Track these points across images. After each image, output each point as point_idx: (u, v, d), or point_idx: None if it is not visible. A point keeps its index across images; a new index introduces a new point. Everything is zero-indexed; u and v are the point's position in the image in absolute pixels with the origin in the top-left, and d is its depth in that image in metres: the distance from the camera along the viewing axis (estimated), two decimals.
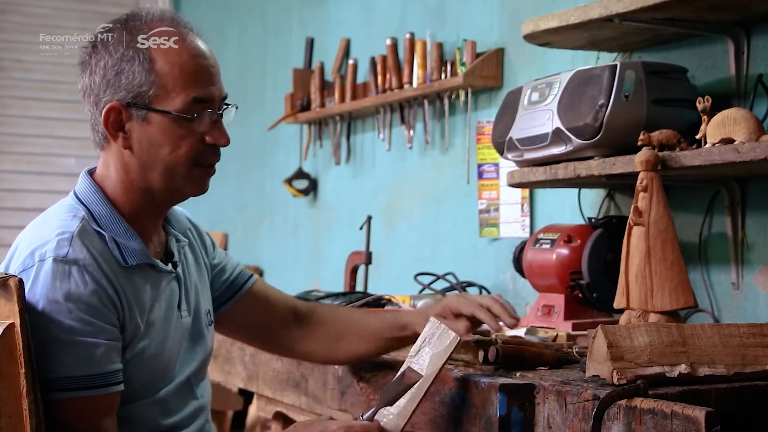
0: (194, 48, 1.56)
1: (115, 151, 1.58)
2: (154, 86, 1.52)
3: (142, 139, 1.54)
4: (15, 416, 1.41)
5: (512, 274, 2.75)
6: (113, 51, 1.53)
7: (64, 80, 5.06)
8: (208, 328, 1.75)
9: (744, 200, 2.16)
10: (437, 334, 1.60)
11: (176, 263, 1.66)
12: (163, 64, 1.53)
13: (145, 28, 1.55)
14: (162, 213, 1.65)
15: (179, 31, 1.56)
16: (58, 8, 5.09)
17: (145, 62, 1.52)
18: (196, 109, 1.55)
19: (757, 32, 2.13)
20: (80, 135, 5.07)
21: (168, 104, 1.53)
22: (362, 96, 3.55)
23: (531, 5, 2.81)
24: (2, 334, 1.40)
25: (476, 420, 1.56)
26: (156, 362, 1.58)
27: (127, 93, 1.53)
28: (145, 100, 1.53)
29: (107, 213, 1.56)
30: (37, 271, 1.47)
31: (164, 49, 1.53)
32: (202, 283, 1.76)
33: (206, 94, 1.56)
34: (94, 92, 1.55)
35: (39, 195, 4.99)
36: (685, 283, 1.89)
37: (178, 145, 1.55)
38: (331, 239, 3.94)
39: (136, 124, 1.54)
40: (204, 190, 1.62)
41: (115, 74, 1.53)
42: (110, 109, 1.53)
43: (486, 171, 2.97)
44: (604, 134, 2.05)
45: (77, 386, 1.46)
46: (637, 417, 1.34)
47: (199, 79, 1.55)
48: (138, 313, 1.55)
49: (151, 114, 1.53)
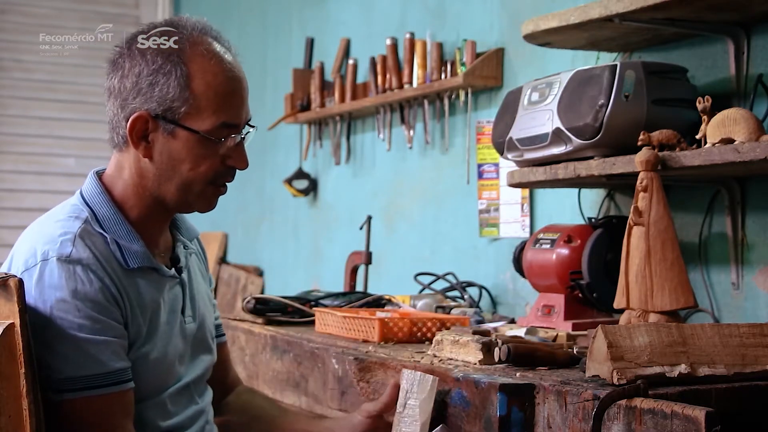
0: (231, 71, 1.56)
1: (132, 155, 1.56)
2: (186, 104, 1.52)
3: (164, 151, 1.54)
4: (15, 416, 1.41)
5: (512, 274, 2.75)
6: (150, 60, 1.52)
7: (64, 80, 5.07)
8: (213, 340, 1.75)
9: (744, 200, 2.16)
10: (415, 382, 1.63)
11: (181, 269, 1.66)
12: (199, 83, 1.52)
13: (187, 44, 1.53)
14: (168, 219, 1.66)
15: (219, 50, 1.56)
16: (58, 8, 5.10)
17: (182, 78, 1.51)
18: (223, 133, 1.55)
19: (757, 32, 2.13)
20: (80, 135, 5.07)
21: (197, 123, 1.52)
22: (362, 96, 3.55)
23: (531, 5, 2.81)
24: (2, 334, 1.40)
25: (476, 420, 1.56)
26: (159, 366, 1.58)
27: (158, 105, 1.52)
28: (175, 116, 1.52)
29: (111, 215, 1.56)
30: (41, 270, 1.47)
31: (203, 68, 1.52)
32: (207, 294, 1.76)
33: (235, 119, 1.56)
34: (122, 96, 1.54)
35: (39, 195, 4.99)
36: (685, 283, 1.89)
37: (199, 164, 1.55)
38: (331, 239, 3.94)
39: (160, 136, 1.53)
40: (212, 208, 1.62)
41: (149, 84, 1.51)
42: (138, 118, 1.52)
43: (486, 171, 2.97)
44: (604, 134, 2.05)
45: (88, 385, 1.46)
46: (637, 417, 1.34)
47: (232, 104, 1.55)
48: (140, 316, 1.54)
49: (179, 130, 1.53)
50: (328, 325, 2.27)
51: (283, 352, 2.23)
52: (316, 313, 2.37)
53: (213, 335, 1.76)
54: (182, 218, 1.73)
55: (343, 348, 2.01)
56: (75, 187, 1.62)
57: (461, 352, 1.78)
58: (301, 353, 2.14)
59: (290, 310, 2.51)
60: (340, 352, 1.98)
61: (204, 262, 1.81)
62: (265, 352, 2.32)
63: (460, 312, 2.44)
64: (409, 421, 1.61)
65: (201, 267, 1.78)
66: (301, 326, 2.43)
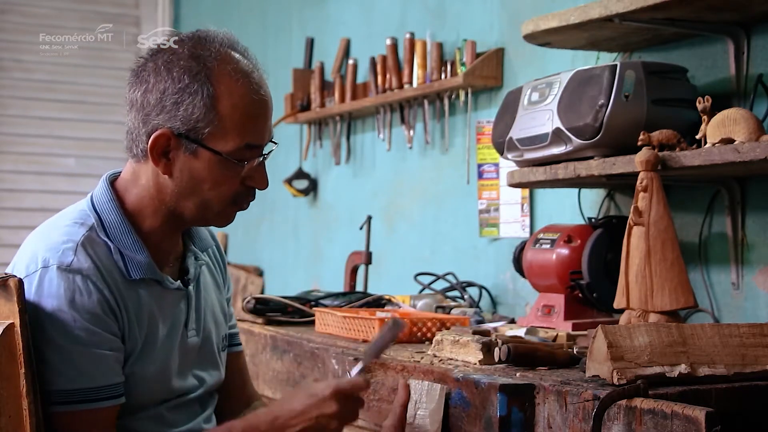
0: (257, 92, 1.54)
1: (151, 169, 1.53)
2: (211, 125, 1.49)
3: (185, 170, 1.51)
4: (15, 416, 1.41)
5: (512, 274, 2.75)
6: (177, 78, 1.48)
7: (64, 80, 5.06)
8: (221, 353, 1.72)
9: (744, 200, 2.16)
10: (423, 392, 1.63)
11: (188, 281, 1.63)
12: (225, 105, 1.49)
13: (215, 63, 1.50)
14: (181, 230, 1.63)
15: (246, 69, 1.53)
16: (58, 8, 5.09)
17: (207, 99, 1.48)
18: (246, 155, 1.53)
19: (757, 32, 2.13)
20: (80, 135, 5.07)
21: (220, 145, 1.50)
22: (362, 96, 3.55)
23: (531, 5, 2.81)
24: (2, 334, 1.40)
25: (476, 420, 1.56)
26: (154, 379, 1.55)
27: (182, 124, 1.49)
28: (199, 135, 1.49)
29: (118, 224, 1.53)
30: (40, 277, 1.45)
31: (229, 88, 1.49)
32: (220, 306, 1.73)
33: (259, 141, 1.54)
34: (144, 110, 1.50)
35: (39, 195, 4.99)
36: (685, 283, 1.89)
37: (220, 185, 1.53)
38: (331, 239, 3.94)
39: (182, 155, 1.51)
40: (229, 224, 1.61)
41: (174, 103, 1.48)
42: (160, 136, 1.49)
43: (486, 171, 2.97)
44: (604, 134, 2.05)
45: (79, 399, 1.44)
46: (637, 417, 1.34)
47: (257, 126, 1.54)
48: (138, 328, 1.52)
49: (201, 150, 1.50)
50: (328, 325, 2.27)
51: (283, 352, 2.23)
52: (316, 313, 2.37)
53: (221, 348, 1.72)
54: (197, 228, 1.70)
55: (343, 348, 2.01)
56: (75, 187, 1.62)
57: (461, 352, 1.78)
58: (301, 353, 2.14)
59: (290, 310, 2.51)
60: (340, 352, 1.98)
61: (220, 272, 1.77)
62: (265, 352, 2.32)
63: (460, 312, 2.45)
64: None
65: (217, 277, 1.75)
66: (301, 326, 2.43)
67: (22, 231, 5.28)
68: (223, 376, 1.73)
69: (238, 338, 1.84)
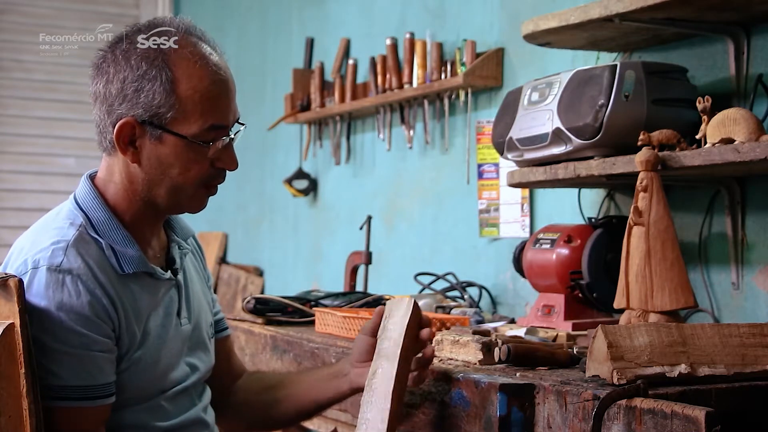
0: (216, 73, 1.53)
1: (121, 160, 1.55)
2: (173, 109, 1.50)
3: (152, 156, 1.53)
4: (15, 416, 1.41)
5: (512, 274, 2.75)
6: (135, 66, 1.50)
7: (64, 80, 5.06)
8: (210, 340, 1.74)
9: (744, 200, 2.16)
10: (393, 306, 1.64)
11: (177, 270, 1.65)
12: (185, 88, 1.50)
13: (171, 48, 1.51)
14: (161, 221, 1.65)
15: (205, 51, 1.53)
16: (58, 8, 5.09)
17: (167, 83, 1.49)
18: (211, 136, 1.53)
19: (757, 32, 2.13)
20: (80, 135, 5.07)
21: (184, 128, 1.51)
22: (362, 96, 3.55)
23: (531, 5, 2.81)
24: (2, 334, 1.40)
25: (476, 420, 1.56)
26: (151, 370, 1.56)
27: (144, 111, 1.50)
28: (162, 121, 1.50)
29: (106, 219, 1.54)
30: (30, 278, 1.46)
31: (188, 71, 1.50)
32: (203, 293, 1.75)
33: (223, 121, 1.55)
34: (108, 101, 1.53)
35: (39, 195, 4.99)
36: (685, 283, 1.89)
37: (188, 168, 1.53)
38: (331, 239, 3.94)
39: (148, 142, 1.52)
40: (202, 208, 1.61)
41: (134, 90, 1.50)
42: (124, 125, 1.51)
43: (486, 171, 2.97)
44: (604, 134, 2.05)
45: (68, 396, 1.45)
46: (637, 417, 1.34)
47: (219, 106, 1.54)
48: (135, 322, 1.53)
49: (166, 135, 1.51)
50: (328, 325, 2.27)
51: (283, 352, 2.23)
52: (316, 313, 2.37)
53: (210, 335, 1.74)
54: (176, 218, 1.72)
55: (343, 348, 2.01)
56: (75, 187, 1.62)
57: (461, 352, 1.78)
58: (301, 353, 2.14)
59: (290, 310, 2.51)
60: (340, 352, 1.98)
61: (201, 260, 1.80)
62: (265, 352, 2.32)
63: (460, 312, 2.44)
64: (386, 343, 1.61)
65: (198, 265, 1.77)
66: (301, 326, 2.43)
67: (22, 231, 5.26)
68: (213, 362, 1.75)
69: (225, 323, 1.87)
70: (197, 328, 1.69)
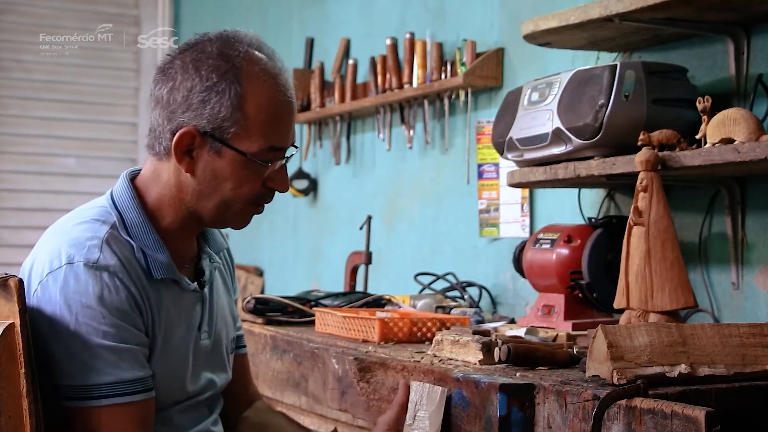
0: (285, 93, 1.52)
1: (173, 167, 1.53)
2: (237, 125, 1.48)
3: (208, 168, 1.51)
4: (15, 416, 1.41)
5: (512, 274, 2.75)
6: (205, 77, 1.48)
7: (64, 80, 5.06)
8: (228, 356, 1.72)
9: (744, 200, 2.16)
10: (424, 394, 1.63)
11: (204, 283, 1.63)
12: (252, 106, 1.49)
13: (244, 62, 1.49)
14: (198, 231, 1.63)
15: (274, 70, 1.52)
16: (58, 8, 5.09)
17: (235, 98, 1.48)
18: (269, 156, 1.52)
19: (757, 32, 2.13)
20: (80, 135, 5.07)
21: (245, 145, 1.50)
22: (362, 96, 3.55)
23: (531, 5, 2.81)
24: (2, 334, 1.40)
25: (476, 420, 1.56)
26: (166, 380, 1.54)
27: (208, 123, 1.48)
28: (224, 135, 1.49)
29: (140, 222, 1.53)
30: (66, 274, 1.44)
31: (257, 89, 1.49)
32: (229, 308, 1.73)
33: (283, 143, 1.54)
34: (170, 107, 1.50)
35: (39, 195, 4.98)
36: (685, 283, 1.89)
37: (241, 185, 1.52)
38: (331, 239, 3.94)
39: (205, 153, 1.50)
40: (245, 226, 1.61)
41: (201, 101, 1.48)
42: (185, 134, 1.49)
43: (486, 171, 2.97)
44: (604, 134, 2.05)
45: (114, 393, 1.43)
46: (637, 417, 1.34)
47: (281, 128, 1.53)
48: (157, 328, 1.52)
49: (225, 149, 1.50)
50: (328, 325, 2.27)
51: (283, 352, 2.23)
52: (316, 313, 2.37)
53: (229, 351, 1.72)
54: (211, 231, 1.70)
55: (343, 348, 2.01)
56: (75, 187, 1.61)
57: (461, 352, 1.78)
58: (301, 353, 2.14)
59: (290, 310, 2.51)
60: (340, 352, 1.98)
61: (230, 274, 1.78)
62: (265, 352, 2.32)
63: (460, 312, 2.45)
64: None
65: (227, 279, 1.75)
66: (301, 326, 2.43)
67: (22, 231, 5.30)
68: (230, 378, 1.73)
69: (243, 340, 1.85)
70: (217, 344, 1.67)
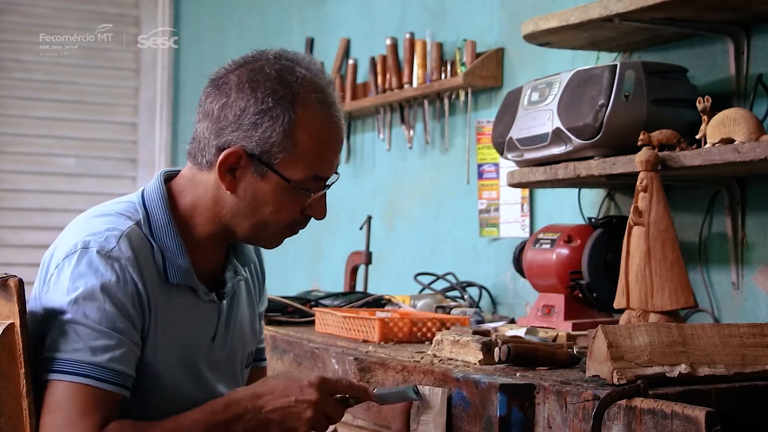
0: (337, 125, 1.51)
1: (213, 180, 1.51)
2: (285, 151, 1.47)
3: (249, 190, 1.50)
4: (15, 416, 1.41)
5: (512, 274, 2.75)
6: (261, 99, 1.46)
7: (64, 80, 5.06)
8: (243, 371, 1.69)
9: (744, 200, 2.16)
10: (425, 396, 1.62)
11: (224, 295, 1.60)
12: (304, 134, 1.47)
13: (302, 89, 1.47)
14: (227, 243, 1.62)
15: (329, 100, 1.50)
16: (58, 8, 5.09)
17: (288, 125, 1.46)
18: (312, 185, 1.52)
19: (757, 32, 2.13)
20: (80, 135, 5.07)
21: (290, 172, 1.48)
22: (362, 96, 3.55)
23: (531, 5, 2.81)
24: (2, 334, 1.40)
25: (476, 420, 1.56)
26: (169, 387, 1.52)
27: (257, 146, 1.46)
28: (271, 159, 1.47)
29: (165, 224, 1.51)
30: (79, 257, 1.43)
31: (311, 118, 1.47)
32: (249, 321, 1.70)
33: (327, 173, 1.53)
34: (219, 123, 1.48)
35: (39, 195, 4.98)
36: (685, 283, 1.89)
37: (281, 210, 1.52)
38: (331, 239, 3.94)
39: (249, 174, 1.49)
40: (276, 247, 1.60)
41: (253, 123, 1.46)
42: (232, 153, 1.47)
43: (486, 171, 2.97)
44: (604, 134, 2.05)
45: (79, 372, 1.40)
46: (637, 417, 1.34)
47: (328, 159, 1.52)
48: (162, 332, 1.49)
49: (270, 173, 1.48)
50: (328, 325, 2.27)
51: (283, 352, 2.23)
52: (316, 313, 2.37)
53: (244, 365, 1.69)
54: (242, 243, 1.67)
55: (343, 348, 2.01)
56: (75, 187, 1.61)
57: (461, 352, 1.78)
58: (301, 353, 2.14)
59: (290, 310, 2.51)
60: (340, 352, 1.98)
61: (257, 288, 1.75)
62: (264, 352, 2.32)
63: (460, 312, 2.45)
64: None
65: (253, 293, 1.73)
66: (301, 326, 2.43)
67: (22, 231, 5.29)
68: None
69: (264, 353, 1.82)
70: (231, 358, 1.64)
